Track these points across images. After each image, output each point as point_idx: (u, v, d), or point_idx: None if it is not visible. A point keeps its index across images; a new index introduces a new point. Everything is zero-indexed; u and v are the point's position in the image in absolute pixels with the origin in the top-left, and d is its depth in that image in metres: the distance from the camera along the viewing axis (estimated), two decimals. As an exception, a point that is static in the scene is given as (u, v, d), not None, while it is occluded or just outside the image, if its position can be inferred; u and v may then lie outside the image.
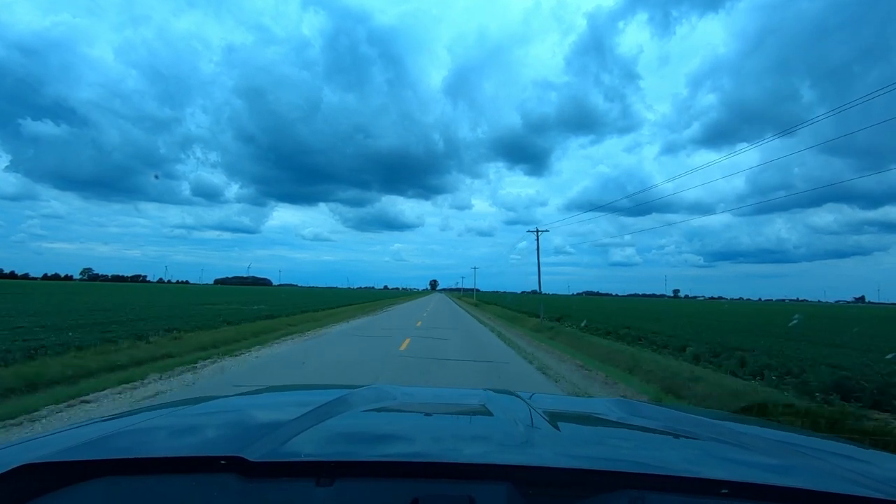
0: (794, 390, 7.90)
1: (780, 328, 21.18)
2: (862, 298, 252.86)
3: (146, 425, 1.09)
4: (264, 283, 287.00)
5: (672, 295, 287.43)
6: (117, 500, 0.74)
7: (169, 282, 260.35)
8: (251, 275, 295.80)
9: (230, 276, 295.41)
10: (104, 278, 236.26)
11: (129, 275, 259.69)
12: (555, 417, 1.22)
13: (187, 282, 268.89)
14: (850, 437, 5.02)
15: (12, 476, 0.72)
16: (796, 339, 16.28)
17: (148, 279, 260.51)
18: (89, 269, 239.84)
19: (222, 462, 0.76)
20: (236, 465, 0.75)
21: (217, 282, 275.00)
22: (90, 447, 0.87)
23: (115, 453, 0.84)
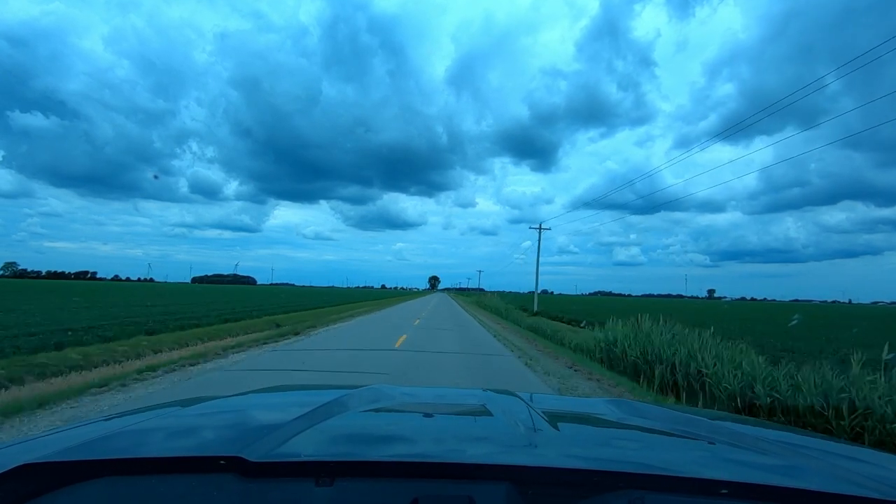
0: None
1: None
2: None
3: (145, 425, 1.09)
4: (248, 281, 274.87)
5: (707, 296, 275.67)
6: (117, 500, 0.74)
7: (128, 279, 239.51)
8: (233, 273, 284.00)
9: (210, 273, 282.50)
10: (35, 274, 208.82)
11: (73, 271, 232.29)
12: (555, 418, 1.22)
13: (152, 279, 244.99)
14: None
15: (11, 476, 0.72)
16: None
17: (99, 276, 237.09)
18: (13, 264, 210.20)
19: (222, 462, 0.76)
20: (236, 466, 0.74)
21: (195, 280, 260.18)
22: (90, 447, 0.87)
23: (115, 453, 0.84)
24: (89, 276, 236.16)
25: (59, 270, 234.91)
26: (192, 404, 1.33)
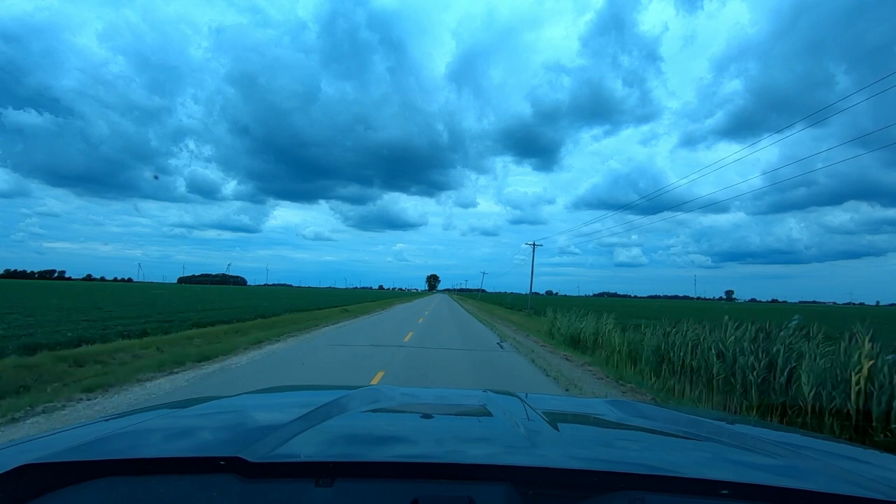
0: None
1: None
2: None
3: (145, 426, 1.09)
4: (238, 282, 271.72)
5: (724, 297, 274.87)
6: (117, 501, 0.74)
7: (102, 279, 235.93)
8: (223, 273, 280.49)
9: (198, 273, 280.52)
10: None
11: (38, 270, 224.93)
12: (554, 418, 1.22)
13: (130, 279, 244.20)
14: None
15: (11, 476, 0.72)
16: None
17: (67, 275, 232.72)
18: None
19: (221, 463, 0.76)
20: (236, 466, 0.74)
21: (181, 280, 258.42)
22: (90, 448, 0.87)
23: (115, 454, 0.84)
24: (56, 275, 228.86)
25: (20, 269, 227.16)
26: (191, 405, 1.33)
